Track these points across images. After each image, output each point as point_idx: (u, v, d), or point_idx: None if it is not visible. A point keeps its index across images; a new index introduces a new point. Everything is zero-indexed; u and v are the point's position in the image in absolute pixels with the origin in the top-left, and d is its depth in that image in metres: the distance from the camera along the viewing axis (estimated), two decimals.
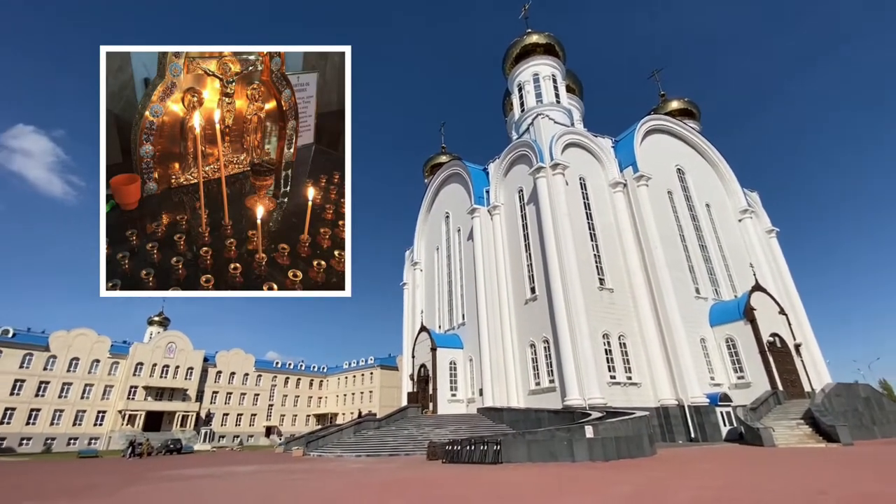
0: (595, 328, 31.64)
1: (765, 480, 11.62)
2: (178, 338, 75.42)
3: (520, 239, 38.98)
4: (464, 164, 47.93)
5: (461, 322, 43.55)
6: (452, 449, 20.76)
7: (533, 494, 10.97)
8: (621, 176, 39.37)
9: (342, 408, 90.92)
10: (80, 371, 65.25)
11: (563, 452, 18.45)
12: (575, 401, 28.87)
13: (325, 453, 32.01)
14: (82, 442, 61.75)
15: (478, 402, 37.26)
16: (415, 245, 56.32)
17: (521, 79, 49.32)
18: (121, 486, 15.99)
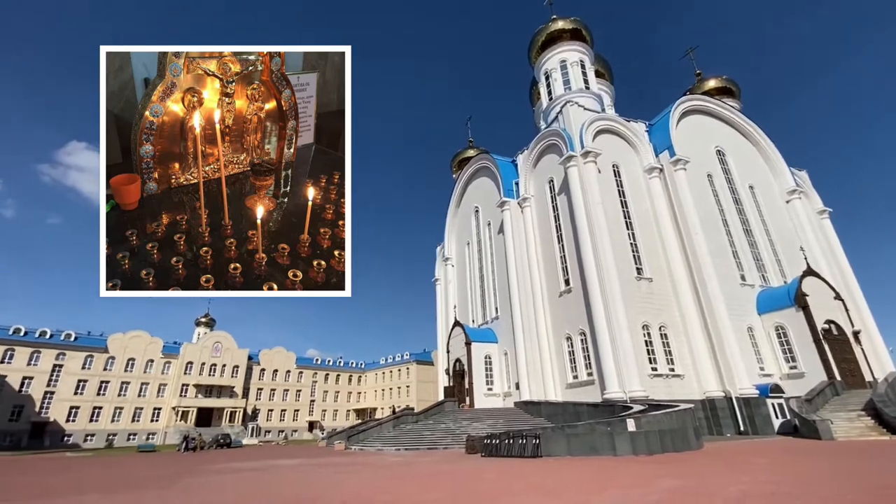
0: (634, 319, 30.78)
1: (823, 475, 11.01)
2: (223, 338, 78.90)
3: (552, 230, 38.34)
4: (492, 157, 47.52)
5: (495, 316, 43.38)
6: (491, 442, 20.79)
7: (575, 488, 10.84)
8: (657, 161, 37.98)
9: (380, 402, 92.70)
10: (136, 371, 69.45)
11: (604, 446, 18.13)
12: (615, 394, 28.25)
13: (366, 447, 32.76)
14: (141, 437, 65.76)
15: (514, 396, 37.09)
16: (445, 240, 56.47)
17: (547, 67, 48.32)
18: (178, 478, 16.95)
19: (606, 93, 55.78)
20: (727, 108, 44.66)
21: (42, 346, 62.64)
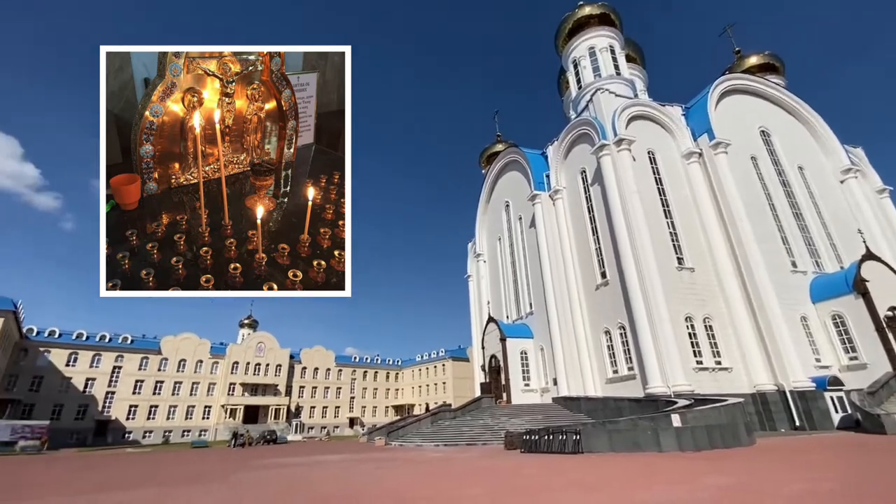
0: (676, 311, 29.66)
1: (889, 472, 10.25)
2: (266, 338, 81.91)
3: (585, 222, 37.46)
4: (521, 150, 46.89)
5: (529, 311, 42.89)
6: (530, 438, 20.60)
7: (619, 484, 10.57)
8: (695, 145, 36.36)
9: (417, 399, 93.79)
10: (187, 371, 73.22)
11: (648, 442, 17.61)
12: (658, 388, 27.35)
13: (406, 443, 33.19)
14: (194, 433, 69.31)
15: (552, 392, 36.59)
16: (476, 236, 56.26)
17: (575, 54, 47.14)
18: (230, 472, 17.76)
19: (639, 77, 53.93)
20: (771, 86, 42.20)
21: (102, 349, 67.03)
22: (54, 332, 64.72)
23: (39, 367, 61.14)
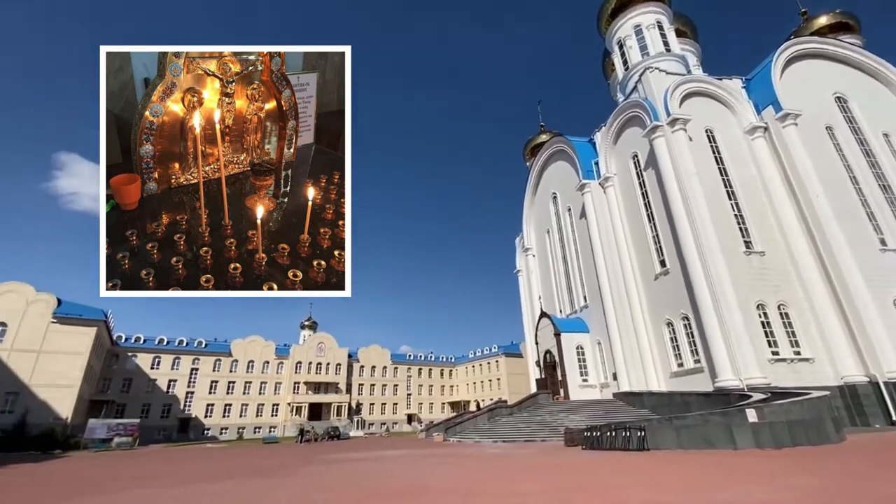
0: (746, 298, 27.69)
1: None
2: (325, 338, 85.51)
3: (640, 209, 35.81)
4: (566, 138, 45.60)
5: (583, 305, 41.70)
6: (591, 435, 20.07)
7: (690, 482, 10.04)
8: (759, 119, 33.68)
9: (472, 395, 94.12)
10: (255, 371, 78.03)
11: (720, 439, 16.60)
12: (729, 382, 25.69)
13: (464, 439, 33.45)
14: (265, 430, 73.77)
15: (612, 387, 35.40)
16: (524, 230, 55.44)
17: (620, 35, 45.07)
18: (299, 466, 18.74)
19: (691, 52, 50.72)
20: (846, 47, 38.18)
21: (181, 352, 72.94)
22: (139, 339, 71.21)
23: (128, 370, 67.55)
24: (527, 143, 62.77)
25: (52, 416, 44.90)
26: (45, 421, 43.46)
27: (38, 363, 46.57)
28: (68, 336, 49.07)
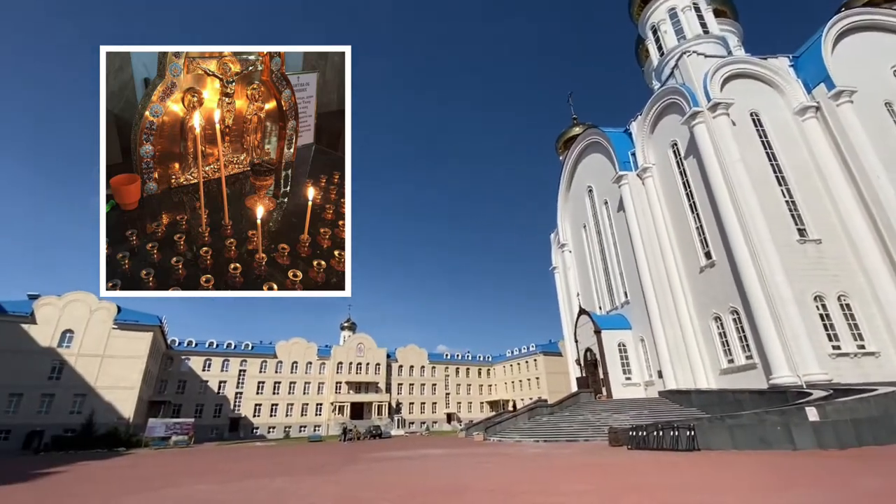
0: (801, 290, 26.07)
1: None
2: (364, 339, 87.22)
3: (681, 199, 34.39)
4: (600, 130, 44.42)
5: (624, 301, 40.51)
6: (638, 434, 19.51)
7: (748, 485, 9.56)
8: (810, 98, 31.61)
9: (511, 394, 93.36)
10: (299, 372, 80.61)
11: (778, 438, 15.74)
12: (785, 378, 24.28)
13: (504, 438, 33.25)
14: (309, 429, 76.09)
15: (658, 385, 34.20)
16: (559, 226, 54.43)
17: (653, 19, 43.46)
18: (344, 464, 19.24)
19: (732, 33, 48.25)
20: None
21: (229, 355, 76.36)
22: (191, 342, 75.06)
23: (182, 372, 71.35)
24: (559, 137, 61.60)
25: (115, 416, 48.14)
26: (109, 420, 46.68)
27: (101, 367, 50.06)
28: (128, 341, 52.51)
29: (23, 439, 43.15)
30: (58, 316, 50.11)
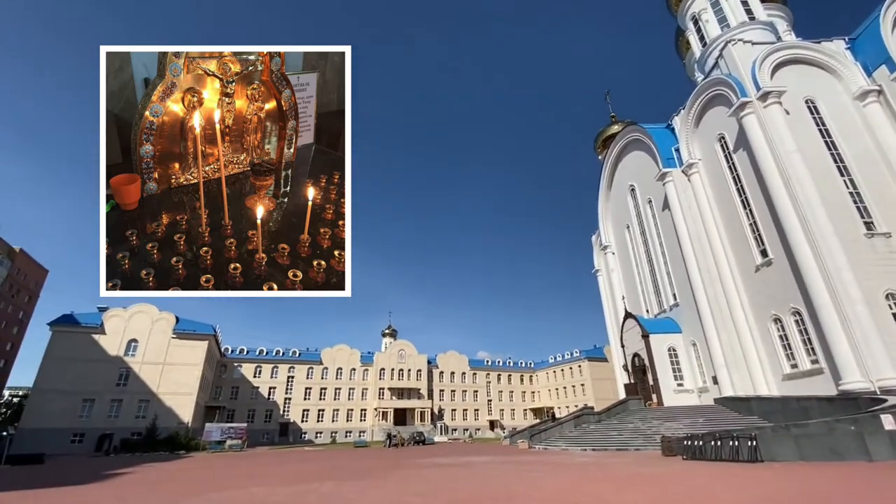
0: (871, 288, 24.06)
1: None
2: (405, 345, 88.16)
3: (732, 195, 32.68)
4: (641, 126, 43.03)
5: (673, 303, 38.83)
6: (693, 444, 18.61)
7: (821, 499, 8.89)
8: (871, 82, 29.32)
9: (555, 401, 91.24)
10: (344, 378, 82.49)
11: (850, 449, 14.63)
12: (856, 384, 22.43)
13: (550, 446, 32.56)
14: (355, 434, 77.51)
15: (713, 392, 32.44)
16: (600, 227, 53.00)
17: (694, 9, 41.81)
18: (389, 470, 19.48)
19: (780, 17, 45.58)
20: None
21: (278, 362, 79.27)
22: (243, 350, 78.57)
23: (235, 378, 74.71)
24: (598, 136, 60.13)
25: (175, 420, 51.05)
26: (170, 425, 49.54)
27: (162, 374, 53.33)
28: (185, 349, 55.70)
29: (95, 442, 46.52)
30: (123, 326, 53.88)
